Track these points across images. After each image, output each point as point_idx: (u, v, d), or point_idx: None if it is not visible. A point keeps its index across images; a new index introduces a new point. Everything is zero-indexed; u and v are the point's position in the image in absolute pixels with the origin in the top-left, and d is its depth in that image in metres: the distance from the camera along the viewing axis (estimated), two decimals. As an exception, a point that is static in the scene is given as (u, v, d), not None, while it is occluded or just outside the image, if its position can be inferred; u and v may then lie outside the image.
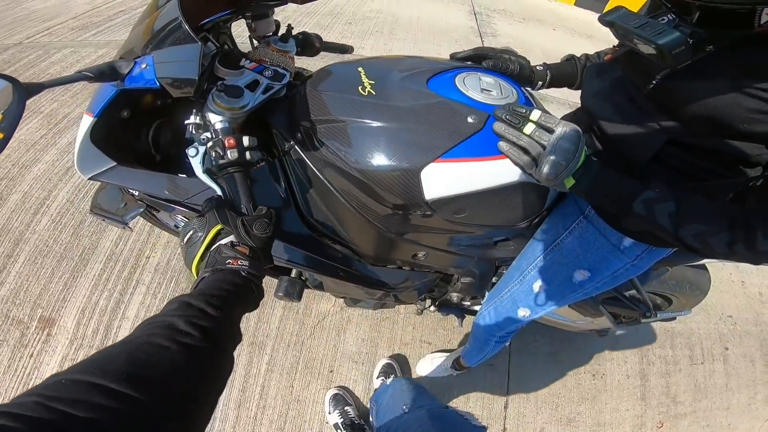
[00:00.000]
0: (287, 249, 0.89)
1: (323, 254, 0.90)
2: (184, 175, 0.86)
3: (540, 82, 0.93)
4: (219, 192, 0.74)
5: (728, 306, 2.06)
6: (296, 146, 0.80)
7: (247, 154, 0.73)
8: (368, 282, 0.97)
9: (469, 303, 1.25)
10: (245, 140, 0.72)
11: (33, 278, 1.58)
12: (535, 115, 0.66)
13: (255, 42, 0.97)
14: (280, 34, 0.97)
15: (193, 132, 0.75)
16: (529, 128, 0.65)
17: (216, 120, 0.74)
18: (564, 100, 3.04)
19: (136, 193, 0.97)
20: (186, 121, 0.76)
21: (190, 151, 0.75)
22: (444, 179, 0.71)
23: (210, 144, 0.72)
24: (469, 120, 0.72)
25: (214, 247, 0.64)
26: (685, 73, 0.57)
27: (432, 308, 1.25)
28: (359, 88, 0.77)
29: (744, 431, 1.68)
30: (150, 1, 0.83)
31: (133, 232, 1.74)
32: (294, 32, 0.99)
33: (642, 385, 1.69)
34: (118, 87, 0.73)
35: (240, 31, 0.98)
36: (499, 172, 0.71)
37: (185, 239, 0.68)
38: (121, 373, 0.35)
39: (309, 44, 1.00)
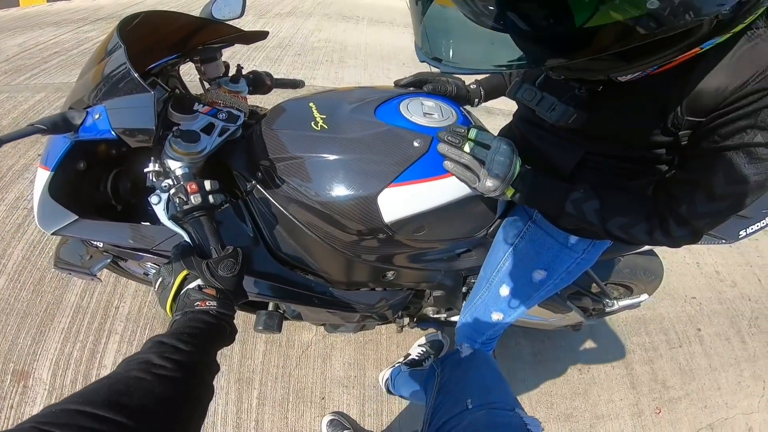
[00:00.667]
0: (260, 284, 0.93)
1: (296, 285, 0.96)
2: (148, 223, 0.90)
3: (477, 99, 1.05)
4: (186, 237, 0.78)
5: (690, 288, 2.20)
6: (258, 185, 0.86)
7: (210, 198, 0.76)
8: (344, 306, 1.02)
9: (445, 315, 1.31)
10: (207, 184, 0.76)
11: None
12: (473, 133, 0.76)
13: (206, 84, 1.01)
14: (230, 75, 1.02)
15: (154, 180, 0.78)
16: (468, 146, 0.75)
17: (176, 166, 0.78)
18: (509, 111, 3.20)
19: (101, 245, 0.99)
20: (145, 170, 0.79)
21: (153, 199, 0.77)
22: (399, 202, 0.79)
23: (173, 191, 0.76)
24: (416, 144, 0.80)
25: (183, 291, 0.69)
26: (581, 104, 0.68)
27: (411, 324, 1.31)
28: (312, 123, 0.84)
29: (744, 408, 1.77)
30: (96, 48, 0.86)
31: (101, 283, 1.73)
32: (244, 71, 1.05)
33: (629, 374, 1.79)
34: (72, 138, 0.75)
35: (187, 69, 1.03)
36: (447, 189, 0.80)
37: (156, 286, 0.73)
38: (104, 401, 0.42)
39: (260, 83, 1.05)
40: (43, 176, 0.82)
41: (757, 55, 0.52)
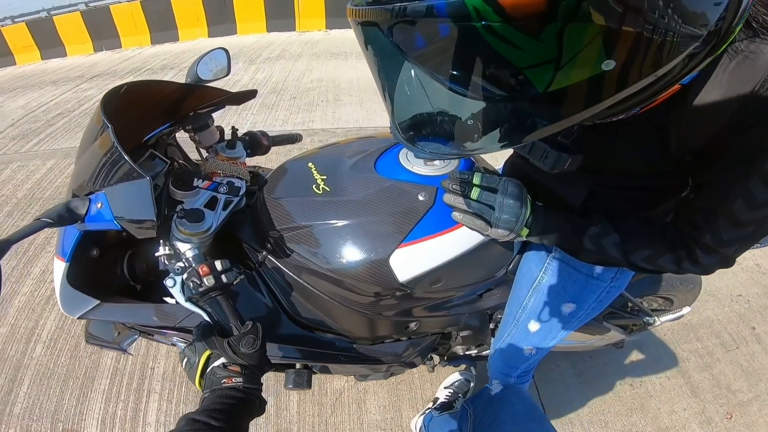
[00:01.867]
0: (284, 348, 0.94)
1: (319, 346, 0.97)
2: (168, 299, 0.92)
3: None
4: (205, 316, 0.79)
5: (734, 286, 2.07)
6: (269, 256, 0.87)
7: (224, 277, 0.77)
8: (370, 361, 1.02)
9: (476, 351, 1.29)
10: (218, 264, 0.77)
11: (44, 396, 1.69)
12: (477, 178, 0.75)
13: (203, 152, 1.02)
14: (226, 139, 1.03)
15: (167, 263, 0.80)
16: (475, 193, 0.74)
17: (185, 248, 0.79)
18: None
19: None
20: (156, 254, 0.80)
21: (168, 282, 0.79)
22: (412, 261, 0.78)
23: (185, 275, 0.77)
24: (420, 198, 0.80)
25: (209, 369, 0.72)
26: (573, 144, 0.66)
27: (442, 363, 1.30)
28: (313, 186, 0.85)
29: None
30: (87, 126, 0.85)
31: (132, 356, 1.80)
32: (241, 130, 1.06)
33: (686, 383, 1.69)
34: (80, 228, 0.77)
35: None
36: (460, 240, 0.79)
37: (183, 364, 0.77)
38: None
39: (257, 144, 1.07)
40: (59, 266, 0.85)
41: (747, 71, 0.49)
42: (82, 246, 0.85)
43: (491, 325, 1.13)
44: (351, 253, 0.79)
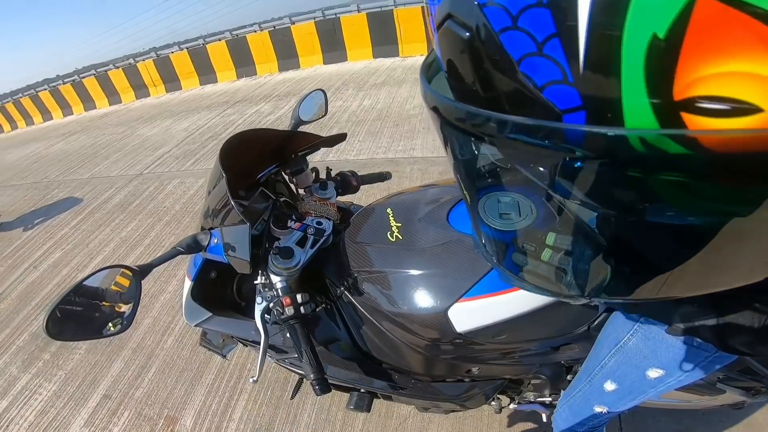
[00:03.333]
0: (349, 374, 1.01)
1: (380, 376, 1.01)
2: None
3: None
4: (263, 334, 0.91)
5: None
6: (345, 292, 0.95)
7: (302, 308, 0.89)
8: (427, 396, 1.03)
9: (549, 399, 1.20)
10: (299, 297, 0.89)
11: (162, 385, 2.00)
12: (551, 238, 0.71)
13: (301, 191, 1.17)
14: (320, 179, 1.16)
15: (261, 290, 0.94)
16: (546, 254, 0.70)
17: (276, 280, 0.92)
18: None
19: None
20: (255, 282, 0.95)
21: (258, 299, 0.94)
22: (471, 315, 0.79)
23: (272, 304, 0.91)
24: None
25: None
26: None
27: (511, 405, 1.23)
28: (388, 233, 0.91)
29: None
30: (212, 167, 0.99)
31: (228, 361, 2.04)
32: (333, 172, 1.19)
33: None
34: (204, 256, 0.93)
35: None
36: (527, 299, 0.77)
37: None
38: None
39: (347, 184, 1.18)
40: (187, 284, 1.06)
41: None
42: (205, 269, 1.04)
43: (569, 377, 1.04)
44: (412, 301, 0.83)
